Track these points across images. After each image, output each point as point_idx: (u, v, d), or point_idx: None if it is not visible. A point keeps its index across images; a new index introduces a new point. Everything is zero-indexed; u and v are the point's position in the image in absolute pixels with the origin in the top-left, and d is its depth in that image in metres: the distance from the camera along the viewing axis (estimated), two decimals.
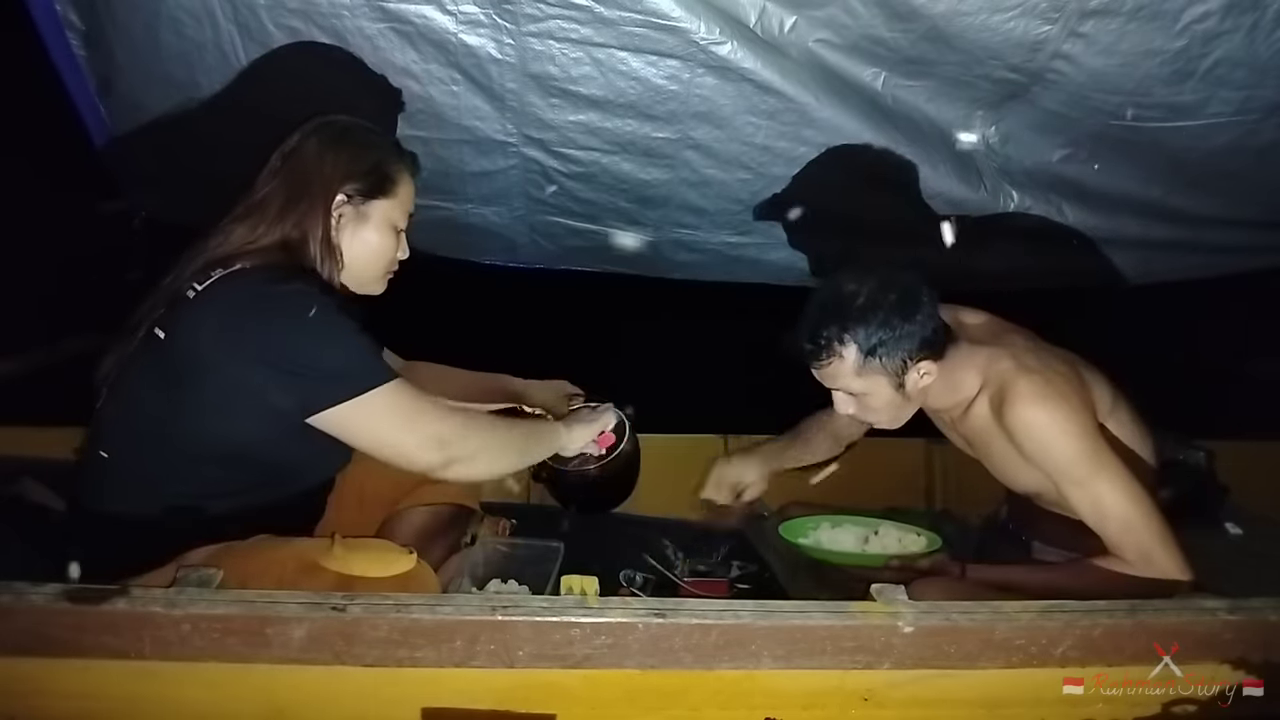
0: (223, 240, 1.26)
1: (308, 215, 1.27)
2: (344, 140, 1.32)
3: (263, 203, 1.28)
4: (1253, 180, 1.95)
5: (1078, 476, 1.31)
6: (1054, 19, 1.52)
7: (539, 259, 2.48)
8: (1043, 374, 1.35)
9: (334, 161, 1.29)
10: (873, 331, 1.35)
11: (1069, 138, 1.87)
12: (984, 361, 1.42)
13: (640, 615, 0.92)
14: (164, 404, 1.19)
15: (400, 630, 0.91)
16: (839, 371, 1.39)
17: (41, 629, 0.91)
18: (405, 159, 1.38)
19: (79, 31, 1.77)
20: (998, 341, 1.45)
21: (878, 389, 1.40)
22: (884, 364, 1.37)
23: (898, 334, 1.35)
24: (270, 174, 1.31)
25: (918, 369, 1.38)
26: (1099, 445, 1.32)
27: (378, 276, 1.37)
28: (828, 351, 1.38)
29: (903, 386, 1.40)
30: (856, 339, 1.36)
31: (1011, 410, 1.33)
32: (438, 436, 1.21)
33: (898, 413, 1.46)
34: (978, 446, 1.52)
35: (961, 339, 1.45)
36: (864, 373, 1.38)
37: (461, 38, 1.67)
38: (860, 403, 1.44)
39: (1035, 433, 1.33)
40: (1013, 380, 1.35)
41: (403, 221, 1.37)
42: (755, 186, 2.05)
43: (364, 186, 1.31)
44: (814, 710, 0.98)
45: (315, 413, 1.16)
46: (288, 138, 1.34)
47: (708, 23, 1.60)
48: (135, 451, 1.22)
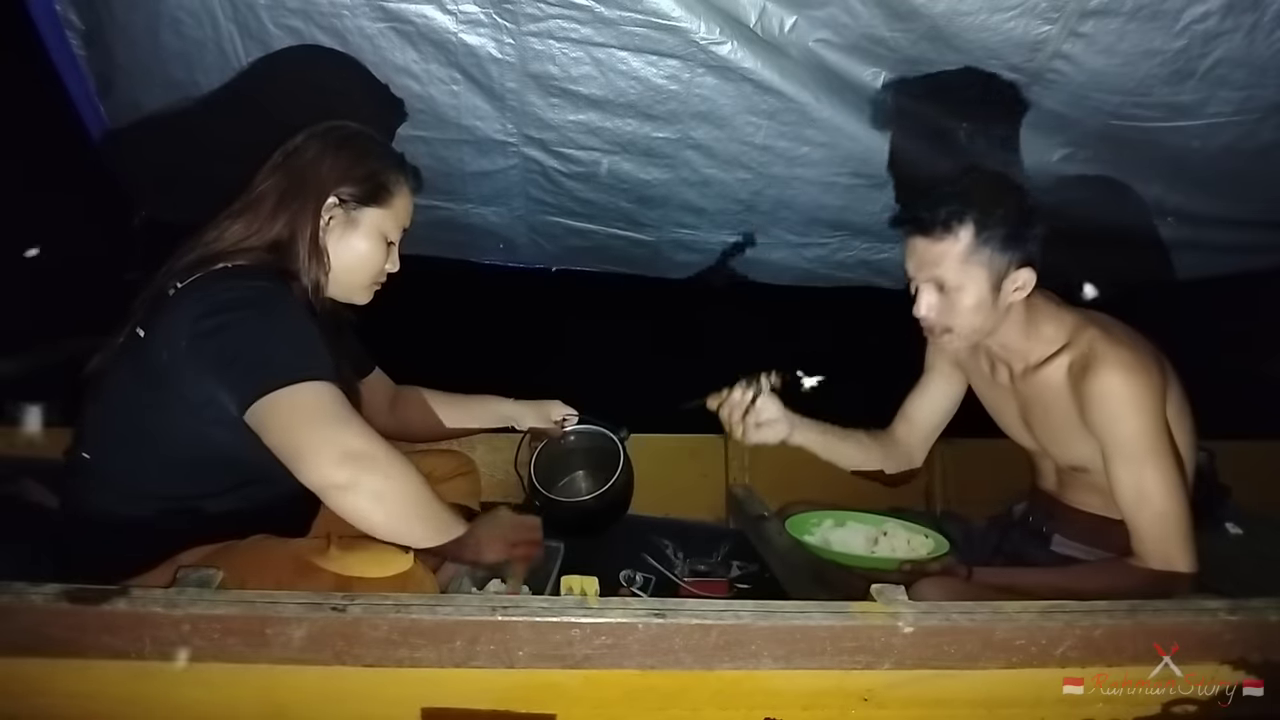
0: (218, 236, 1.25)
1: (299, 215, 1.26)
2: (346, 145, 1.32)
3: (259, 199, 1.28)
4: (1253, 180, 1.96)
5: (1134, 454, 1.32)
6: (1054, 19, 1.52)
7: (539, 259, 2.48)
8: (1133, 349, 1.36)
9: (331, 164, 1.29)
10: (992, 221, 1.34)
11: (1069, 137, 1.87)
12: (1073, 323, 1.42)
13: (640, 615, 0.92)
14: (142, 403, 1.18)
15: (400, 630, 0.91)
16: (946, 252, 1.36)
17: (41, 629, 0.91)
18: (406, 172, 1.36)
19: (79, 31, 1.77)
20: (1083, 312, 1.45)
21: (974, 284, 1.37)
22: (991, 257, 1.35)
23: (1011, 232, 1.35)
24: (270, 170, 1.31)
25: (1015, 277, 1.37)
26: (1163, 431, 1.33)
27: (362, 286, 1.35)
28: (944, 228, 1.35)
29: (998, 290, 1.38)
30: (975, 222, 1.35)
31: (1096, 374, 1.33)
32: (352, 452, 1.07)
33: (981, 319, 1.41)
34: (1036, 406, 1.49)
35: (1048, 293, 1.45)
36: (969, 261, 1.36)
37: (462, 37, 1.67)
38: (948, 299, 1.40)
39: (1111, 401, 1.33)
40: (1103, 348, 1.35)
41: (395, 234, 1.35)
42: (755, 186, 2.05)
43: (358, 192, 1.30)
44: (814, 710, 0.98)
45: (245, 407, 1.08)
46: (292, 137, 1.33)
47: (708, 22, 1.60)
48: (117, 451, 1.21)
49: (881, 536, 1.64)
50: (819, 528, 1.68)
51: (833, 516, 1.72)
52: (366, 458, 1.07)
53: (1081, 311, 1.46)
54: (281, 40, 1.70)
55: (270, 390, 1.07)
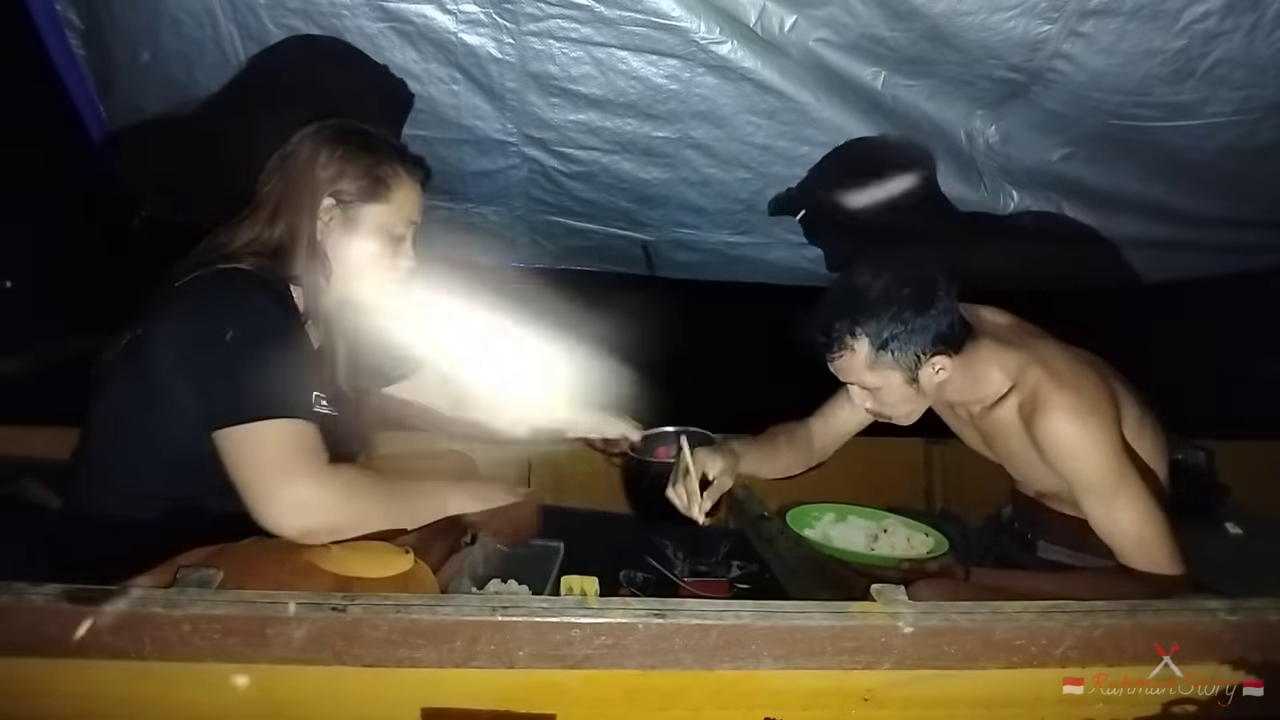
0: (230, 239, 1.25)
1: (296, 218, 1.26)
2: (338, 143, 1.29)
3: (260, 204, 1.28)
4: (1253, 180, 1.95)
5: (1100, 492, 1.31)
6: (1054, 18, 1.52)
7: (539, 259, 2.48)
8: (1076, 388, 1.33)
9: (325, 163, 1.27)
10: (885, 325, 1.34)
11: (1069, 137, 1.87)
12: (1014, 364, 1.40)
13: (640, 615, 0.92)
14: (141, 404, 1.18)
15: (400, 631, 0.91)
16: (851, 365, 1.39)
17: (41, 629, 0.91)
18: (406, 164, 1.33)
19: (79, 31, 1.77)
20: (1026, 345, 1.43)
21: (891, 383, 1.40)
22: (896, 358, 1.36)
23: (910, 328, 1.34)
24: (269, 173, 1.31)
25: (932, 364, 1.37)
26: (1124, 463, 1.31)
27: (372, 284, 1.33)
28: (839, 344, 1.37)
29: (916, 381, 1.39)
30: (868, 332, 1.35)
31: (1044, 421, 1.32)
32: (301, 503, 1.09)
33: (911, 407, 1.45)
34: (996, 444, 1.50)
35: (985, 336, 1.44)
36: (876, 367, 1.38)
37: (462, 37, 1.67)
38: (874, 397, 1.44)
39: (1065, 446, 1.32)
40: (1047, 391, 1.33)
41: (401, 228, 1.32)
42: (755, 186, 2.05)
43: (354, 190, 1.28)
44: (814, 710, 0.98)
45: (214, 428, 1.10)
46: (291, 137, 1.32)
47: (708, 22, 1.60)
48: (118, 451, 1.21)
49: (881, 533, 1.64)
50: (819, 521, 1.68)
51: (834, 510, 1.72)
52: (315, 508, 1.11)
53: (1023, 346, 1.43)
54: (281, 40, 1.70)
55: (237, 422, 1.09)
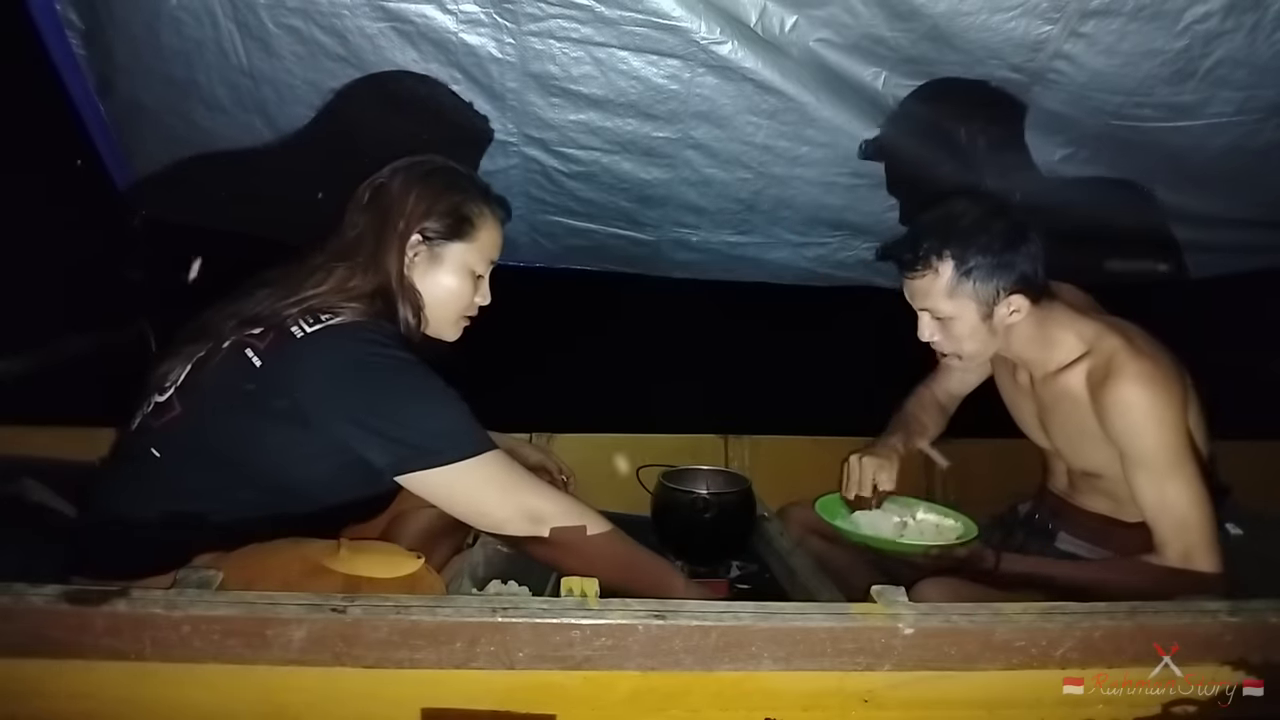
0: (325, 278, 1.25)
1: (388, 255, 1.27)
2: (428, 180, 1.31)
3: (356, 242, 1.29)
4: (1254, 180, 1.95)
5: (1157, 467, 1.32)
6: (1055, 19, 1.52)
7: (539, 259, 2.48)
8: (1154, 359, 1.35)
9: (415, 200, 1.29)
10: (972, 253, 1.34)
11: (1069, 137, 1.87)
12: (1092, 332, 1.41)
13: (640, 617, 0.92)
14: (237, 427, 1.18)
15: (400, 631, 0.91)
16: (931, 288, 1.38)
17: (42, 630, 0.91)
18: (491, 204, 1.36)
19: (79, 31, 1.77)
20: (1104, 319, 1.44)
21: (965, 314, 1.39)
22: (976, 289, 1.36)
23: (997, 261, 1.34)
24: (357, 209, 1.31)
25: (1009, 303, 1.37)
26: (1185, 442, 1.32)
27: (450, 321, 1.35)
28: (924, 264, 1.37)
29: (990, 317, 1.38)
30: (955, 256, 1.35)
31: (1115, 386, 1.33)
32: (532, 512, 1.19)
33: (978, 346, 1.44)
34: (1054, 411, 1.49)
35: (1063, 303, 1.45)
36: (955, 294, 1.37)
37: (462, 37, 1.67)
38: (944, 327, 1.42)
39: (1133, 414, 1.32)
40: (1124, 359, 1.34)
41: (482, 267, 1.35)
42: (755, 186, 2.05)
43: (441, 227, 1.30)
44: (814, 712, 0.98)
45: (406, 473, 1.16)
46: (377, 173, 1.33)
47: (708, 22, 1.60)
48: (186, 460, 1.20)
49: (911, 520, 1.63)
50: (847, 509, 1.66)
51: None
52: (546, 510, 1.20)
53: (1104, 319, 1.44)
54: (281, 39, 1.70)
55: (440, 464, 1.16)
